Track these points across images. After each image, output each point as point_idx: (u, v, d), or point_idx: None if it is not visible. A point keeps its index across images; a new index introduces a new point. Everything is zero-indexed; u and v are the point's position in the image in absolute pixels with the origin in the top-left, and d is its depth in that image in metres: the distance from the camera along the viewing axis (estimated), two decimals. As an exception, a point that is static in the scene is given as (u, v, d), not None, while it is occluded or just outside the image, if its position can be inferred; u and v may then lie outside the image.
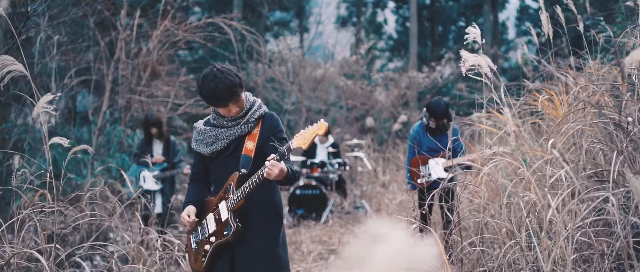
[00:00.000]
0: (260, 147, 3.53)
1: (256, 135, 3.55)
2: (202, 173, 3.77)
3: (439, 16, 28.58)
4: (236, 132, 3.54)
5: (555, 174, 3.34)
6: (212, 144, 3.57)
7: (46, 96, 3.90)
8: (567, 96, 4.92)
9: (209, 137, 3.58)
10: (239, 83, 3.44)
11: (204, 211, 3.67)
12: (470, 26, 4.47)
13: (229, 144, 3.57)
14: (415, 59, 21.73)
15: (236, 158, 3.55)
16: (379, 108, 18.03)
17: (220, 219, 3.52)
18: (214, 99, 3.41)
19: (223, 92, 3.37)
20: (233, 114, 3.53)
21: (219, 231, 3.52)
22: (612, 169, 2.87)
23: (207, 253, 3.56)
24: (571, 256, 2.83)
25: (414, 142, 6.77)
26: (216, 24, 11.11)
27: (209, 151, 3.59)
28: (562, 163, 2.99)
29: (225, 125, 3.57)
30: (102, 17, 11.58)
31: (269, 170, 3.24)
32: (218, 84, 3.36)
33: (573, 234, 2.93)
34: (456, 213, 4.61)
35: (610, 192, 2.80)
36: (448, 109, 6.57)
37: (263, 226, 3.56)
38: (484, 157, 4.65)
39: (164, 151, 8.17)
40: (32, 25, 9.25)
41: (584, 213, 2.95)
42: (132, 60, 10.93)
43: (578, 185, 3.00)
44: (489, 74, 3.97)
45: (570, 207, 2.96)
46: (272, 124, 3.60)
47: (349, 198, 10.98)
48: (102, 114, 10.22)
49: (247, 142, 3.54)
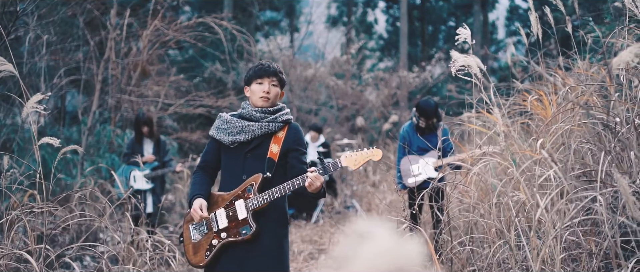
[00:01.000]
0: (283, 154, 3.58)
1: (281, 140, 3.59)
2: (211, 163, 3.75)
3: (429, 16, 28.66)
4: (263, 128, 3.56)
5: (544, 174, 3.36)
6: (236, 135, 3.58)
7: (36, 96, 3.88)
8: (556, 96, 4.95)
9: (235, 127, 3.59)
10: (283, 78, 3.72)
11: (209, 205, 3.65)
12: (460, 26, 4.49)
13: (252, 139, 3.58)
14: (405, 58, 21.77)
15: (256, 156, 3.58)
16: (369, 108, 18.06)
17: (235, 216, 3.51)
18: (263, 68, 3.62)
19: (272, 67, 3.63)
20: (263, 97, 3.59)
21: (232, 229, 3.51)
22: (599, 169, 2.89)
23: (213, 248, 3.54)
24: (560, 256, 2.85)
25: (403, 142, 6.79)
26: (206, 23, 11.09)
27: (230, 140, 3.59)
28: (551, 163, 3.01)
29: (253, 118, 3.59)
30: (91, 16, 11.53)
31: (311, 181, 3.30)
32: (270, 63, 3.67)
33: (561, 234, 2.95)
34: (446, 213, 4.62)
35: (598, 192, 2.83)
36: (438, 108, 6.60)
37: (273, 227, 3.57)
38: (474, 157, 4.67)
39: (154, 150, 8.15)
40: (21, 25, 9.20)
41: (572, 213, 2.97)
42: (122, 59, 10.89)
43: (566, 185, 3.02)
44: (478, 75, 3.99)
45: (558, 206, 2.98)
46: (297, 136, 3.65)
47: (339, 198, 10.99)
48: (92, 113, 10.18)
49: (272, 145, 3.57)
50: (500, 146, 4.36)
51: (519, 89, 6.42)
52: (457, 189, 5.00)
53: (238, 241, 3.49)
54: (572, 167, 3.56)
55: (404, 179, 6.63)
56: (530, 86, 6.40)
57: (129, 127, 11.02)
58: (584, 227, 3.18)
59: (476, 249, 4.18)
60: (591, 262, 3.09)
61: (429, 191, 5.50)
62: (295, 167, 3.56)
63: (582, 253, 3.04)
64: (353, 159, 3.46)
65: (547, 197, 2.99)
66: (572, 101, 4.02)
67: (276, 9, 26.47)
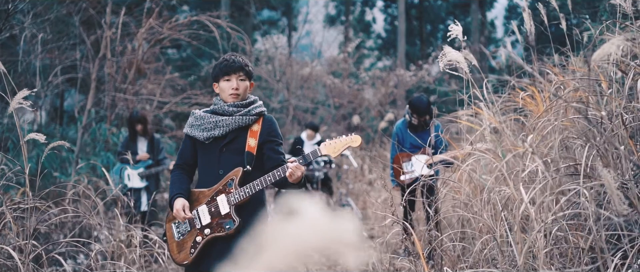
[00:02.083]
0: (260, 146, 3.58)
1: (257, 133, 3.59)
2: (189, 160, 3.75)
3: (427, 15, 28.65)
4: (237, 122, 3.56)
5: (531, 168, 3.35)
6: (210, 130, 3.58)
7: (22, 92, 3.87)
8: (548, 93, 4.95)
9: (208, 123, 3.59)
10: (250, 70, 3.69)
11: (190, 202, 3.64)
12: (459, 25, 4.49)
13: (227, 133, 3.58)
14: (403, 57, 21.77)
15: (232, 151, 3.58)
16: (366, 106, 18.06)
17: (218, 212, 3.51)
18: (228, 64, 3.59)
19: (237, 62, 3.60)
20: (232, 94, 3.58)
21: (215, 224, 3.51)
22: (583, 162, 2.89)
23: (197, 245, 3.54)
24: (544, 250, 2.85)
25: (396, 139, 6.79)
26: (203, 22, 11.08)
27: (205, 136, 3.58)
28: (534, 157, 3.00)
29: (226, 113, 3.59)
30: (87, 15, 11.53)
31: (292, 171, 3.31)
32: (235, 57, 3.64)
33: (546, 228, 2.95)
34: (433, 208, 4.62)
35: (581, 186, 2.82)
36: (430, 105, 6.60)
37: (255, 220, 3.57)
38: (465, 153, 4.67)
39: (148, 148, 8.16)
40: (17, 23, 9.19)
41: (556, 207, 2.97)
42: (117, 58, 10.89)
43: (550, 179, 3.02)
44: (466, 70, 3.98)
45: (541, 200, 2.98)
46: (272, 128, 3.66)
47: (335, 196, 10.98)
48: (87, 112, 10.18)
49: (249, 139, 3.58)
50: (489, 142, 4.36)
51: (512, 85, 6.42)
52: (448, 185, 4.99)
53: (222, 236, 3.49)
54: (556, 162, 3.55)
55: (397, 177, 6.63)
56: (524, 83, 6.40)
57: (124, 125, 11.03)
58: (571, 222, 3.17)
59: (467, 246, 4.18)
60: (578, 257, 3.09)
61: (421, 188, 5.50)
62: (271, 158, 3.57)
63: (569, 248, 3.03)
64: (332, 146, 3.47)
65: (531, 191, 2.98)
66: (559, 97, 4.02)
67: (273, 8, 26.47)
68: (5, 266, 3.95)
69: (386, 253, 4.59)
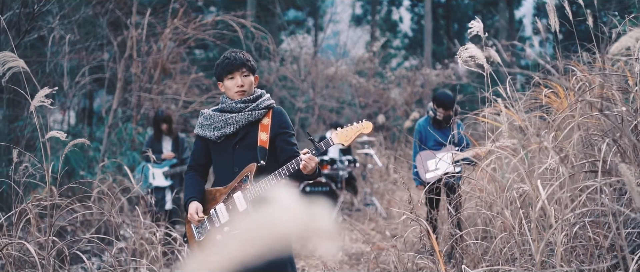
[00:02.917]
0: (272, 140, 3.57)
1: (268, 126, 3.58)
2: (201, 161, 3.74)
3: (454, 14, 28.43)
4: (246, 118, 3.55)
5: (551, 166, 3.29)
6: (221, 129, 3.57)
7: (43, 90, 3.92)
8: (572, 91, 4.86)
9: (218, 122, 3.58)
10: (252, 64, 3.63)
11: (208, 202, 3.64)
12: (488, 23, 4.45)
13: (238, 130, 3.57)
14: (429, 56, 21.62)
15: (244, 147, 3.56)
16: (392, 106, 17.98)
17: (236, 209, 3.51)
18: (230, 62, 3.56)
19: (239, 59, 3.56)
20: (239, 92, 3.56)
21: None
22: (601, 158, 2.82)
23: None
24: (562, 247, 2.79)
25: (419, 137, 6.74)
26: (227, 22, 11.14)
27: (216, 135, 3.58)
28: (551, 152, 2.94)
29: (235, 110, 3.58)
30: (114, 16, 11.69)
31: (306, 163, 3.30)
32: (236, 54, 3.59)
33: (563, 225, 2.89)
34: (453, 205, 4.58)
35: (599, 182, 2.76)
36: (455, 100, 6.55)
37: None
38: (486, 151, 4.61)
39: (173, 147, 8.23)
40: (45, 25, 9.35)
41: (574, 204, 2.91)
42: (143, 58, 11.01)
43: (566, 175, 2.95)
44: (486, 66, 3.93)
45: (558, 196, 2.92)
46: (282, 119, 3.64)
47: (359, 195, 10.95)
48: (113, 112, 10.31)
49: (260, 133, 3.56)
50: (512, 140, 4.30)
51: (536, 82, 6.33)
52: (471, 184, 4.93)
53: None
54: (575, 158, 3.48)
55: (421, 175, 6.58)
56: (548, 80, 6.30)
57: (150, 125, 11.14)
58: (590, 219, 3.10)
59: (486, 244, 4.12)
60: (597, 256, 3.02)
61: (443, 187, 5.45)
62: (284, 150, 3.55)
63: (587, 245, 2.97)
64: (344, 134, 3.45)
65: (549, 188, 2.92)
66: (578, 95, 3.94)
67: (299, 8, 26.50)
68: (28, 262, 4.01)
69: (406, 252, 4.55)
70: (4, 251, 3.74)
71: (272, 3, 21.04)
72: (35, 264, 3.69)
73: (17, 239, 3.87)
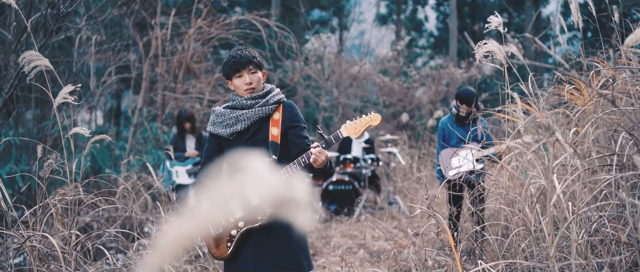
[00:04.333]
0: (284, 134, 3.58)
1: (279, 121, 3.59)
2: (214, 158, 3.76)
3: (480, 13, 28.18)
4: (257, 114, 3.56)
5: (567, 161, 3.26)
6: (232, 126, 3.59)
7: (67, 87, 4.00)
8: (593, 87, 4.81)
9: (229, 119, 3.60)
10: (259, 60, 3.62)
11: None
12: (513, 22, 4.43)
13: (249, 126, 3.59)
14: (454, 55, 21.47)
15: (257, 142, 3.57)
16: (416, 104, 17.90)
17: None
18: (236, 60, 3.55)
19: (245, 56, 3.55)
20: (248, 89, 3.57)
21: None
22: (617, 152, 2.79)
23: (233, 238, 3.56)
24: (576, 241, 2.76)
25: (442, 135, 6.71)
26: (251, 22, 11.20)
27: (228, 132, 3.60)
28: (565, 146, 2.92)
29: (245, 106, 3.59)
30: (140, 17, 11.84)
31: (315, 157, 3.31)
32: (242, 52, 3.58)
33: (580, 219, 2.87)
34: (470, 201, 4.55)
35: (613, 176, 2.73)
36: (477, 96, 6.52)
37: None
38: (506, 147, 4.58)
39: (196, 145, 8.34)
40: (72, 25, 9.51)
41: (588, 198, 2.88)
42: (168, 58, 11.13)
43: (581, 170, 2.92)
44: (503, 62, 3.91)
45: (572, 190, 2.89)
46: (293, 113, 3.64)
47: (382, 194, 10.93)
48: (138, 111, 10.45)
49: (271, 128, 3.57)
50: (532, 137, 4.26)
51: (559, 79, 6.26)
52: (492, 180, 4.91)
53: (256, 228, 3.51)
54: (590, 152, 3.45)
55: (445, 172, 6.55)
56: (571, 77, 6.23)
57: (174, 124, 11.27)
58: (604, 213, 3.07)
59: (502, 240, 4.09)
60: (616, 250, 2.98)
61: (464, 184, 5.43)
62: (296, 144, 3.56)
63: (604, 240, 2.94)
64: (353, 127, 3.43)
65: (563, 182, 2.89)
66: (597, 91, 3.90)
67: (324, 8, 26.52)
68: (52, 255, 4.09)
69: (424, 248, 4.54)
70: (27, 243, 3.82)
71: (296, 3, 21.07)
72: (57, 258, 3.77)
73: (40, 232, 3.94)
